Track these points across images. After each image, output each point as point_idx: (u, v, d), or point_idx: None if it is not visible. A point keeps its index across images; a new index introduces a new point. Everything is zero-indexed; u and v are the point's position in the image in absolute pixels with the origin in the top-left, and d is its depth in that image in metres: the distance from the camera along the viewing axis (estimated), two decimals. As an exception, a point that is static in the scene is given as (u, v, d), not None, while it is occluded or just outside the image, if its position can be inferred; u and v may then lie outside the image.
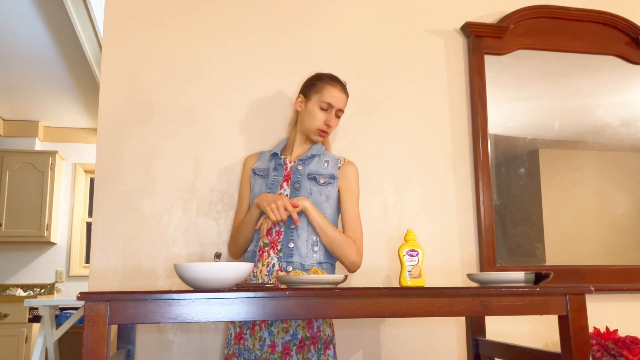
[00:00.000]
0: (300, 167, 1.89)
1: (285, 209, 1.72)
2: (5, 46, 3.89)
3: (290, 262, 1.78)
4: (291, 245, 1.79)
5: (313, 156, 1.92)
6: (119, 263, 2.01)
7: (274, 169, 1.92)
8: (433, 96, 2.38)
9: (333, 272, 1.86)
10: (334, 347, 1.79)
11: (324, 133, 1.88)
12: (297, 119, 1.98)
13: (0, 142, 5.43)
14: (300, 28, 2.30)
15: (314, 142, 1.95)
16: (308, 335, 1.75)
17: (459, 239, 2.29)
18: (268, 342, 1.73)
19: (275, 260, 1.80)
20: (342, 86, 1.90)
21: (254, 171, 1.97)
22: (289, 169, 1.91)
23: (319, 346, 1.75)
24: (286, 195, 1.85)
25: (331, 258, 1.85)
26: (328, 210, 1.86)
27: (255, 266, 1.82)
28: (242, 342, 1.77)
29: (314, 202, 1.82)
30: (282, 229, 1.81)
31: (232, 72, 2.21)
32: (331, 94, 1.86)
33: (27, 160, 5.23)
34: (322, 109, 1.86)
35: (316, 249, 1.81)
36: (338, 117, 1.90)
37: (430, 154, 2.33)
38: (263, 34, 2.27)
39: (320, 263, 1.81)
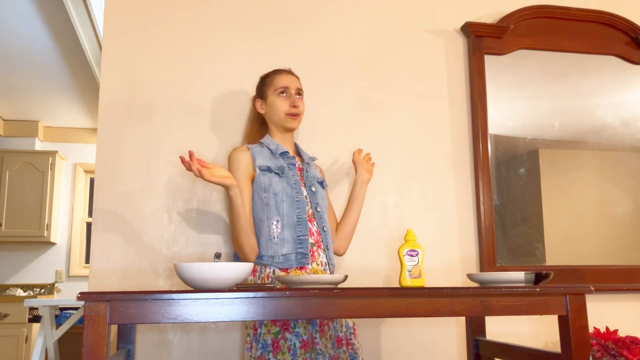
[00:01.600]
0: (308, 171, 1.93)
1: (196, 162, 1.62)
2: (5, 46, 3.89)
3: (332, 263, 1.89)
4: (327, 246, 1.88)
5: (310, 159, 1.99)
6: (119, 263, 2.01)
7: (289, 168, 1.87)
8: (433, 96, 2.38)
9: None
10: None
11: (294, 115, 1.88)
12: (259, 125, 2.00)
13: (0, 142, 5.43)
14: (301, 28, 2.30)
15: (291, 136, 1.96)
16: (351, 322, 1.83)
17: (459, 239, 2.29)
18: (335, 338, 1.76)
19: (324, 258, 1.84)
20: (287, 71, 1.94)
21: (264, 168, 1.82)
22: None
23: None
24: (305, 195, 1.86)
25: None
26: (328, 209, 1.96)
27: (308, 266, 1.78)
28: (315, 346, 1.70)
29: (325, 205, 1.91)
30: (319, 229, 1.85)
31: (232, 72, 2.21)
32: (282, 78, 1.90)
33: (27, 160, 5.23)
34: (281, 94, 1.89)
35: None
36: (300, 96, 1.92)
37: (430, 154, 2.33)
38: (263, 34, 2.27)
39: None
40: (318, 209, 1.87)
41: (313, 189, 1.88)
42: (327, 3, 2.35)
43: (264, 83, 1.94)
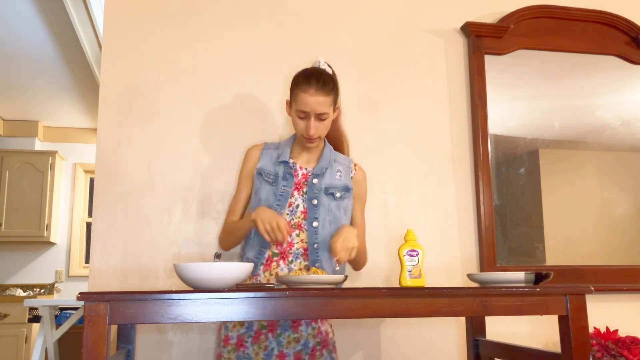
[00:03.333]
0: (315, 181, 1.81)
1: (280, 230, 1.64)
2: (5, 46, 3.89)
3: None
4: (317, 265, 1.77)
5: (326, 168, 1.84)
6: (119, 263, 2.01)
7: (283, 178, 1.80)
8: (433, 96, 2.38)
9: None
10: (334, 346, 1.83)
11: (309, 140, 1.77)
12: None
13: (0, 142, 5.43)
14: (300, 28, 2.30)
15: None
16: (319, 341, 1.76)
17: (459, 239, 2.29)
18: (276, 352, 1.71)
19: (286, 271, 1.75)
20: (316, 88, 1.70)
21: (260, 172, 1.83)
22: (299, 176, 1.82)
23: (330, 349, 1.79)
24: (297, 205, 1.78)
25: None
26: (343, 221, 1.82)
27: (261, 274, 1.77)
28: (241, 349, 1.73)
29: (333, 218, 1.78)
30: (308, 245, 1.77)
31: (232, 71, 2.21)
32: (303, 101, 1.71)
33: (27, 160, 5.23)
34: (299, 118, 1.75)
35: (338, 268, 1.78)
36: (322, 119, 1.74)
37: (430, 154, 2.33)
38: (263, 34, 2.27)
39: None
40: (314, 224, 1.77)
41: (314, 203, 1.78)
42: (326, 3, 2.35)
43: (292, 92, 1.77)
